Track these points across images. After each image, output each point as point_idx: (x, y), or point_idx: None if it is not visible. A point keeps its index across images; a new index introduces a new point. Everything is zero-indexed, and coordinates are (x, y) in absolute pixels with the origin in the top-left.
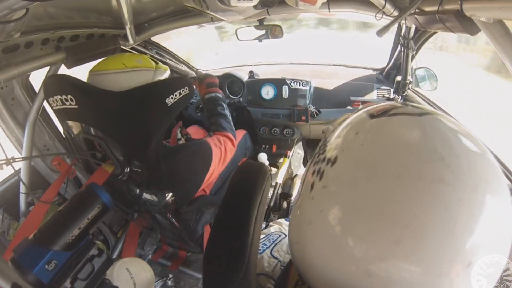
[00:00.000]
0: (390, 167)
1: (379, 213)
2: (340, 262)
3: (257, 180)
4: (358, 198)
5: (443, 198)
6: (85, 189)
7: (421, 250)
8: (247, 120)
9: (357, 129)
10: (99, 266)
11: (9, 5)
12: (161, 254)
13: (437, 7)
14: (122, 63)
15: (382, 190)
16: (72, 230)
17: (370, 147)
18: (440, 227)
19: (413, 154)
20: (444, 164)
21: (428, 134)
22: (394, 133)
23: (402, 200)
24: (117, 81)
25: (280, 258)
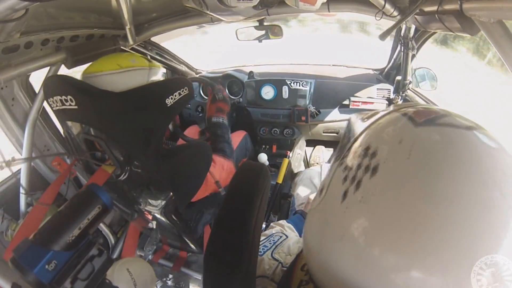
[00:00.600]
0: (441, 190)
1: (425, 236)
2: (370, 276)
3: (258, 180)
4: (402, 218)
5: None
6: (85, 189)
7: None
8: (247, 121)
9: (401, 136)
10: (99, 266)
11: (9, 5)
12: (162, 254)
13: (437, 7)
14: (116, 63)
15: (430, 213)
16: (72, 230)
17: (419, 163)
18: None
19: (469, 180)
20: (501, 194)
21: (481, 158)
22: (445, 151)
23: (453, 225)
24: (113, 82)
25: (281, 260)
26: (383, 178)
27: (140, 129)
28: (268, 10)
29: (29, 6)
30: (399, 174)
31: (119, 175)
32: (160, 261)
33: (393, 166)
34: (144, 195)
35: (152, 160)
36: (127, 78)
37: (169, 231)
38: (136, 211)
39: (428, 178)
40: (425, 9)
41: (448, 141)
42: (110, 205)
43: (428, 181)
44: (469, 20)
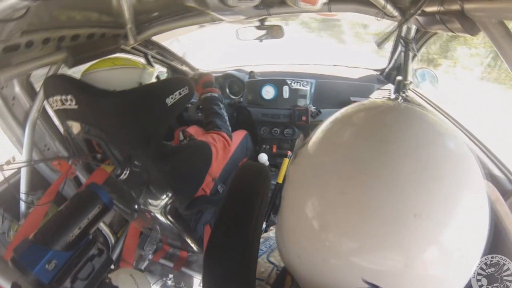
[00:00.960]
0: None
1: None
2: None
3: (258, 181)
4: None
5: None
6: (85, 189)
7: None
8: (248, 121)
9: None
10: (99, 265)
11: (10, 4)
12: (162, 254)
13: (438, 8)
14: (112, 62)
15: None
16: (72, 230)
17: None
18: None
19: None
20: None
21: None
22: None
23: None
24: (106, 78)
25: (276, 263)
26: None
27: (140, 128)
28: (269, 10)
29: (30, 5)
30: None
31: (119, 175)
32: (161, 260)
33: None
34: (144, 195)
35: (152, 160)
36: (119, 75)
37: (169, 231)
38: (136, 211)
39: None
40: (426, 9)
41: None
42: (110, 205)
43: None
44: (470, 21)
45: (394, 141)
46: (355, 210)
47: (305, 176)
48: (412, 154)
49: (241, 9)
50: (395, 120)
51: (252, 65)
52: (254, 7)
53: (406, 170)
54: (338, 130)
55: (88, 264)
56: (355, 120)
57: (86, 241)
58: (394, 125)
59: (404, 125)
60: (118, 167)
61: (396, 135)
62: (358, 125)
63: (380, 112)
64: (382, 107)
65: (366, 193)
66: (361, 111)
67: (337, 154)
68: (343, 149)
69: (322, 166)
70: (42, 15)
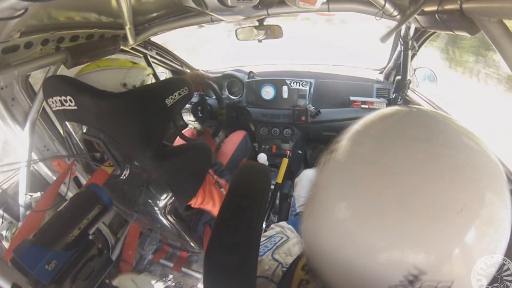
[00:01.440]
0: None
1: None
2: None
3: (259, 180)
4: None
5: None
6: (85, 189)
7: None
8: (247, 121)
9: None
10: (99, 266)
11: (9, 5)
12: (162, 254)
13: (437, 7)
14: (96, 64)
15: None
16: (72, 230)
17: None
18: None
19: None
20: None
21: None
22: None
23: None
24: (90, 79)
25: (281, 260)
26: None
27: (140, 129)
28: (268, 10)
29: (29, 6)
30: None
31: (119, 175)
32: (161, 261)
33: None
34: (144, 195)
35: (152, 161)
36: (101, 77)
37: (169, 231)
38: (136, 211)
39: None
40: (425, 9)
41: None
42: (110, 205)
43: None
44: (469, 20)
45: (422, 143)
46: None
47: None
48: (446, 154)
49: (240, 9)
50: (417, 123)
51: (252, 65)
52: (253, 7)
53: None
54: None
55: (88, 264)
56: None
57: (86, 241)
58: (417, 128)
59: (426, 128)
60: (117, 168)
61: (423, 136)
62: (381, 133)
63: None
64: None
65: (405, 192)
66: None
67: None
68: (375, 158)
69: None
70: (41, 16)
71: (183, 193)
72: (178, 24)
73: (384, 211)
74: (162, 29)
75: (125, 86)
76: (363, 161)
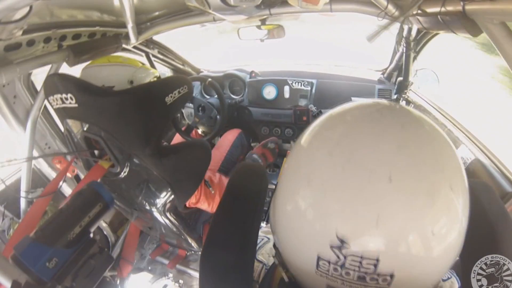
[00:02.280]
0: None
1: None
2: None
3: (255, 180)
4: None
5: None
6: (86, 187)
7: None
8: (248, 120)
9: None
10: (100, 264)
11: (12, 4)
12: (160, 252)
13: (440, 9)
14: (107, 59)
15: None
16: (73, 228)
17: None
18: None
19: None
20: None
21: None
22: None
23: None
24: (96, 72)
25: (264, 261)
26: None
27: (140, 127)
28: (270, 10)
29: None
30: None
31: (119, 173)
32: (158, 258)
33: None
34: (144, 193)
35: (151, 158)
36: (110, 71)
37: (168, 229)
38: (136, 210)
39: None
40: (427, 10)
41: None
42: (111, 203)
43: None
44: (471, 22)
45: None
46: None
47: (296, 166)
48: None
49: (242, 9)
50: (385, 115)
51: (253, 65)
52: (256, 6)
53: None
54: (330, 125)
55: (88, 262)
56: (348, 117)
57: (87, 239)
58: (381, 119)
59: (399, 122)
60: (117, 165)
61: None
62: (349, 121)
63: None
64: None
65: (350, 159)
66: (356, 108)
67: (328, 146)
68: (333, 141)
69: (313, 156)
70: (44, 14)
71: (183, 191)
72: (181, 23)
73: (314, 187)
74: (164, 28)
75: (131, 83)
76: (329, 141)
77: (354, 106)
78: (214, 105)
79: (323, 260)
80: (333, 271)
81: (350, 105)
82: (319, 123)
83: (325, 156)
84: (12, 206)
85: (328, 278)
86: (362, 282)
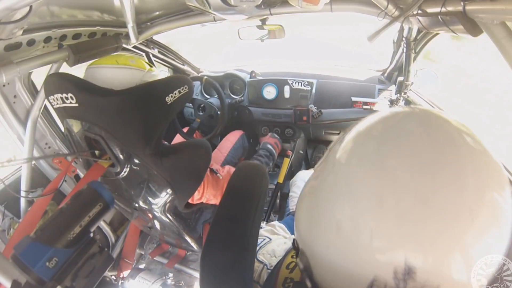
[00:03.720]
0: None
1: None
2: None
3: (255, 179)
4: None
5: None
6: (86, 187)
7: None
8: (248, 120)
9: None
10: (100, 264)
11: (12, 4)
12: (159, 252)
13: (440, 8)
14: (115, 60)
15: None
16: (73, 227)
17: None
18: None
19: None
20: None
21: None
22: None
23: None
24: (107, 75)
25: (265, 262)
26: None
27: (140, 127)
28: (270, 10)
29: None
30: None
31: (119, 173)
32: (157, 258)
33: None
34: (144, 193)
35: (152, 158)
36: (120, 74)
37: (169, 229)
38: (136, 209)
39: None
40: (427, 10)
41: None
42: (111, 203)
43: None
44: (472, 22)
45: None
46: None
47: (361, 179)
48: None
49: (242, 9)
50: (419, 123)
51: (254, 65)
52: (256, 6)
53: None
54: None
55: (89, 262)
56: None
57: (87, 239)
58: (417, 130)
59: (428, 127)
60: (117, 165)
61: (425, 136)
62: (381, 136)
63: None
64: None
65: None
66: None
67: (410, 168)
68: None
69: (389, 176)
70: (44, 13)
71: (183, 190)
72: (181, 23)
73: (384, 213)
74: (165, 28)
75: None
76: (364, 161)
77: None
78: (214, 105)
79: (379, 283)
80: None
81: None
82: (399, 131)
83: (407, 179)
84: (12, 206)
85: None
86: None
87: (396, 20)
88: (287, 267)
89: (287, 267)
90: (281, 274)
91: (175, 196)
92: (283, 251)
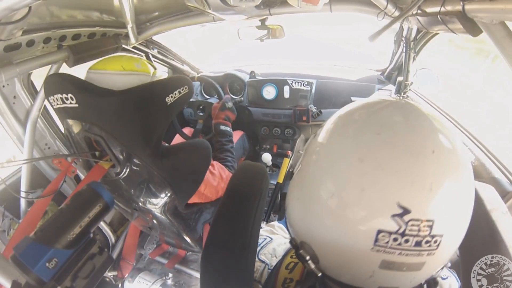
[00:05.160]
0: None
1: None
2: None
3: (256, 179)
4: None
5: None
6: (86, 187)
7: None
8: (248, 120)
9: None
10: (100, 264)
11: (11, 4)
12: (159, 252)
13: (439, 8)
14: (121, 65)
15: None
16: (73, 228)
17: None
18: None
19: None
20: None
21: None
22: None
23: None
24: (113, 82)
25: (267, 261)
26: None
27: (140, 127)
28: (270, 10)
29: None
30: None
31: (119, 173)
32: (157, 258)
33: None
34: (144, 193)
35: (152, 158)
36: (127, 81)
37: (169, 229)
38: (136, 210)
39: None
40: (427, 10)
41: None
42: (111, 203)
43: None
44: (471, 21)
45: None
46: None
47: (338, 151)
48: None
49: (242, 9)
50: (400, 112)
51: (253, 65)
52: (255, 7)
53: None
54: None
55: (88, 262)
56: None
57: (87, 239)
58: (397, 118)
59: (407, 117)
60: (117, 166)
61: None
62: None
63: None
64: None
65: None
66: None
67: (373, 126)
68: (378, 121)
69: (360, 138)
70: (44, 14)
71: (183, 190)
72: (180, 24)
73: (367, 169)
74: (164, 28)
75: None
76: (345, 141)
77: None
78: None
79: (384, 232)
80: (393, 241)
81: (374, 99)
82: (349, 111)
83: (373, 135)
84: (12, 206)
85: (386, 251)
86: (417, 247)
87: (396, 20)
88: (287, 267)
89: (287, 267)
90: (281, 274)
91: (175, 196)
92: (283, 251)
